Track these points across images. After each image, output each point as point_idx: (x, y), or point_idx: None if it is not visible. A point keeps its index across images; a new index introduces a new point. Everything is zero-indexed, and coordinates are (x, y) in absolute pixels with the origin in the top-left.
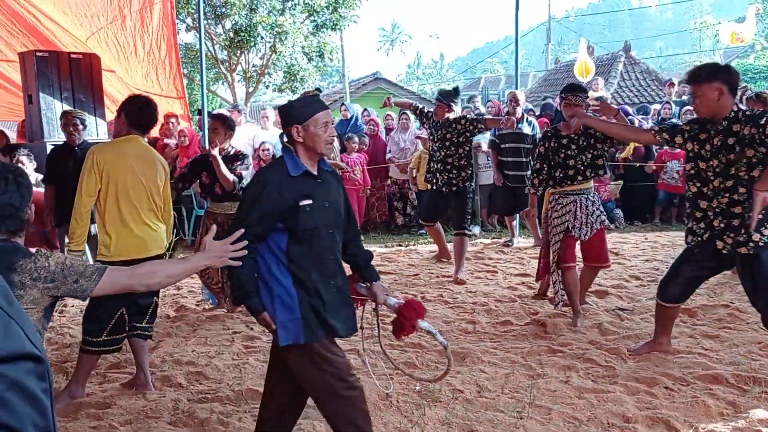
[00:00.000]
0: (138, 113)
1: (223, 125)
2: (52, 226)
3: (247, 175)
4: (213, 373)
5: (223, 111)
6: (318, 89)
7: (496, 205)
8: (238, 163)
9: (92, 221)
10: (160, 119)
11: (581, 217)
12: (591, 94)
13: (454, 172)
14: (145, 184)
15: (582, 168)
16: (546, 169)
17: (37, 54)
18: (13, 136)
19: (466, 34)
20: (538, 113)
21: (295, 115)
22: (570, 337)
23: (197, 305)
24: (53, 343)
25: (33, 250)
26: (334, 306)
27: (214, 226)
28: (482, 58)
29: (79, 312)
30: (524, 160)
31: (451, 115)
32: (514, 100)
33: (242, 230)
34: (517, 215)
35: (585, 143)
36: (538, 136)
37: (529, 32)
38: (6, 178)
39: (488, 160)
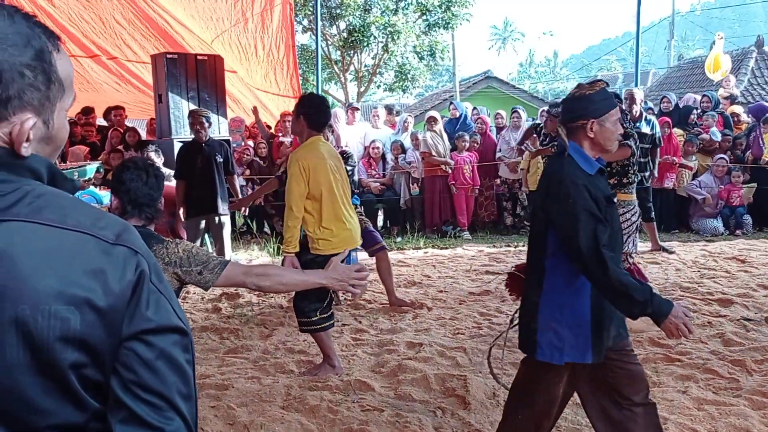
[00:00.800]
0: (316, 114)
1: (331, 126)
2: (184, 219)
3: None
4: None
5: (338, 109)
6: (604, 81)
7: None
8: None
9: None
10: (278, 117)
11: None
12: (720, 92)
13: None
14: (340, 180)
15: None
16: None
17: (167, 56)
18: (143, 134)
19: (581, 31)
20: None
21: (594, 108)
22: (689, 346)
23: None
24: None
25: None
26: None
27: (347, 250)
28: (598, 56)
29: (199, 299)
30: (642, 160)
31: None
32: (630, 99)
33: (365, 267)
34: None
35: None
36: (657, 135)
37: (651, 28)
38: (147, 171)
39: None
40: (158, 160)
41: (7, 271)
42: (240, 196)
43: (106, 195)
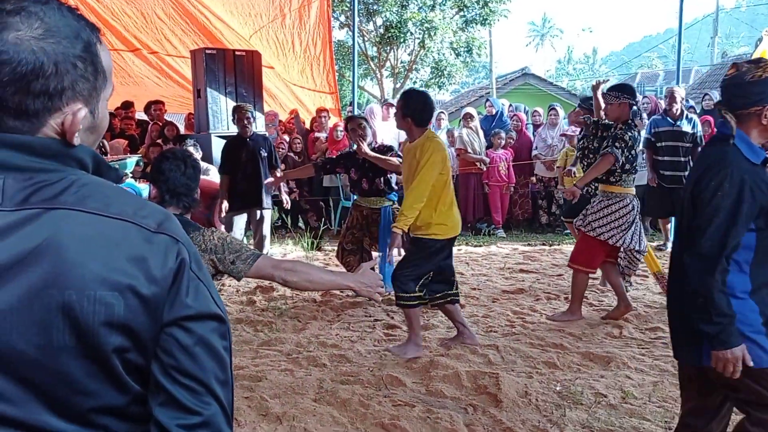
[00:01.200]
0: (420, 113)
1: (368, 123)
2: (226, 212)
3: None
4: (355, 356)
5: (374, 105)
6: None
7: (650, 206)
8: (391, 153)
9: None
10: (313, 113)
11: None
12: None
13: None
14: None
15: None
16: None
17: (206, 51)
18: (181, 128)
19: (622, 28)
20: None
21: None
22: None
23: (341, 291)
24: None
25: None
26: None
27: (377, 258)
28: (639, 53)
29: (234, 291)
30: (682, 159)
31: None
32: (671, 97)
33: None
34: (673, 218)
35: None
36: (699, 134)
37: (694, 24)
38: (185, 162)
39: (643, 159)
40: (197, 154)
41: (54, 258)
42: (282, 191)
43: (145, 188)
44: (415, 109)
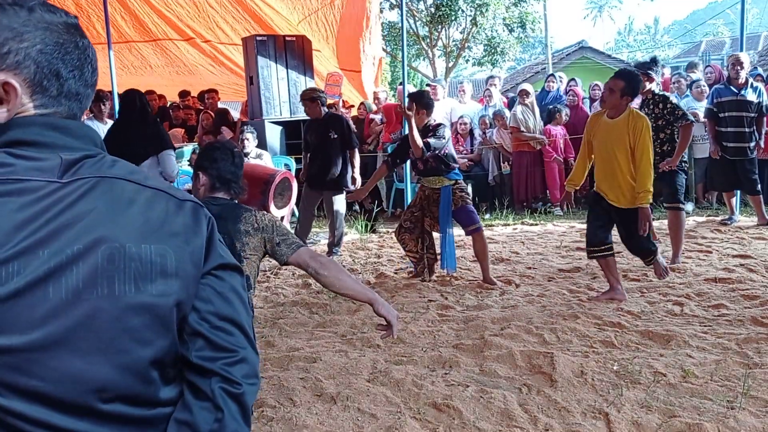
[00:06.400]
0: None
1: (419, 103)
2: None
3: (440, 146)
4: (409, 337)
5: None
6: None
7: (714, 180)
8: (431, 134)
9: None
10: (364, 93)
11: None
12: None
13: (657, 158)
14: None
15: None
16: None
17: (257, 38)
18: (235, 115)
19: None
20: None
21: None
22: None
23: (395, 273)
24: (269, 302)
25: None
26: None
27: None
28: (704, 20)
29: (291, 275)
30: (747, 130)
31: (653, 86)
32: (736, 64)
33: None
34: (738, 192)
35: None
36: (765, 103)
37: None
38: (232, 153)
39: (705, 131)
40: (253, 142)
41: (112, 218)
42: (357, 171)
43: None
44: (630, 81)
